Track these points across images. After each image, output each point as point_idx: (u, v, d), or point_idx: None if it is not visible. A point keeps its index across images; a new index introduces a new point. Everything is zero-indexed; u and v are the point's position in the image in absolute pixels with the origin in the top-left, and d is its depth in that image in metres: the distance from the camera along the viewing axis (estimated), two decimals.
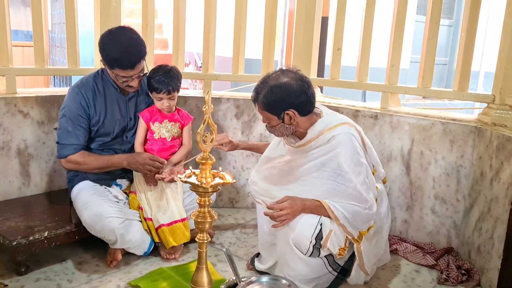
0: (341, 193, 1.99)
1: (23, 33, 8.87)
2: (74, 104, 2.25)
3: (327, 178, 2.01)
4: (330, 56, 3.02)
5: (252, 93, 2.08)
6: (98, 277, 2.16)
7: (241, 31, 3.02)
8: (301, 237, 1.94)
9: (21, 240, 2.05)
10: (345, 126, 2.07)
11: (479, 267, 2.26)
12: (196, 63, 8.72)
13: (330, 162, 2.01)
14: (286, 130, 2.06)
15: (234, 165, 3.05)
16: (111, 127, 2.33)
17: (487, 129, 2.30)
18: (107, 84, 2.31)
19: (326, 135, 2.03)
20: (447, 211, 2.50)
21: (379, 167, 2.26)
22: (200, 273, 1.69)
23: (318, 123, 2.07)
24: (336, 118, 2.12)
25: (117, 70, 2.19)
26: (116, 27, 2.27)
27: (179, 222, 2.32)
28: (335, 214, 1.96)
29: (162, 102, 2.32)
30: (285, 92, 1.98)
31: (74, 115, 2.25)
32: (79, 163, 2.28)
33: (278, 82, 1.99)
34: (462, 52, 2.54)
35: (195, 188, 1.62)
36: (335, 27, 2.91)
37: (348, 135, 2.03)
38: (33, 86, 7.07)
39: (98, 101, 2.28)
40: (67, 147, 2.25)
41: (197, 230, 1.70)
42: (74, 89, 2.29)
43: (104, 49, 2.17)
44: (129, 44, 2.17)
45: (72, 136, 2.25)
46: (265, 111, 2.03)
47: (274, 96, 1.98)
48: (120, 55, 2.15)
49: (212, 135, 1.63)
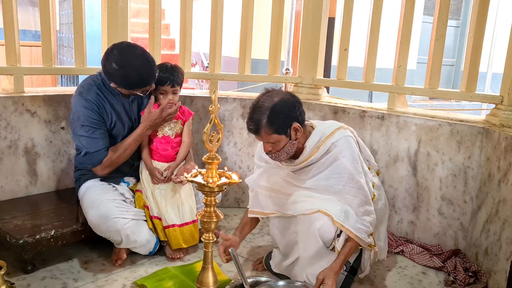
0: (349, 192, 2.00)
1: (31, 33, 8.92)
2: (87, 111, 2.21)
3: (337, 184, 2.02)
4: (336, 56, 3.01)
5: (250, 126, 1.97)
6: (104, 276, 2.16)
7: (247, 32, 3.02)
8: (328, 227, 1.94)
9: (27, 238, 2.06)
10: (341, 130, 2.09)
11: (486, 269, 2.25)
12: (202, 64, 8.73)
13: (336, 169, 2.02)
14: (292, 148, 2.03)
15: (240, 165, 3.05)
16: (122, 130, 2.34)
17: (495, 130, 2.28)
18: (110, 88, 2.27)
19: (325, 145, 2.04)
20: (454, 212, 2.48)
21: (372, 160, 2.30)
22: (206, 273, 1.69)
23: (313, 134, 2.07)
24: (329, 125, 2.13)
25: (137, 90, 2.20)
26: (118, 50, 2.15)
27: (190, 224, 2.33)
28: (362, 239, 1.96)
29: (167, 97, 2.32)
30: (287, 107, 1.97)
31: (92, 121, 2.22)
32: (112, 162, 2.26)
33: (274, 101, 1.96)
34: (470, 53, 2.53)
35: (201, 187, 1.62)
36: (342, 28, 2.91)
37: (347, 138, 2.06)
38: (41, 85, 7.11)
39: (106, 104, 2.27)
40: (97, 153, 2.22)
41: (203, 230, 1.70)
42: (80, 97, 2.23)
43: (122, 77, 2.14)
44: (146, 66, 2.16)
45: (98, 142, 2.22)
46: (273, 135, 1.96)
47: (278, 114, 1.95)
48: (142, 80, 2.17)
49: (218, 134, 1.63)
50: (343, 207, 1.98)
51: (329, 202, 1.99)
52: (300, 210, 2.02)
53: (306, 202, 2.03)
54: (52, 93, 2.70)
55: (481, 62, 2.55)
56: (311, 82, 3.02)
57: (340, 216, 1.95)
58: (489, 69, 9.10)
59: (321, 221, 1.95)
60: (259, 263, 2.29)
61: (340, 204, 1.99)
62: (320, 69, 3.03)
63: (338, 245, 1.95)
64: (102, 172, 2.28)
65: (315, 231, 1.95)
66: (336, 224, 1.94)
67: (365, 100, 7.30)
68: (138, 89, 2.20)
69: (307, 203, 2.03)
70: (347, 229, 1.94)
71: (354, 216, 1.98)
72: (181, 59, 3.03)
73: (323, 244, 1.97)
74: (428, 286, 2.23)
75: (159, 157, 2.38)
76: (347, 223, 1.94)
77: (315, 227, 1.95)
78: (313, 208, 1.98)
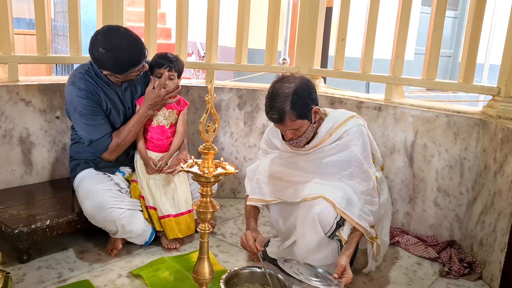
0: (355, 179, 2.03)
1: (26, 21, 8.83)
2: (82, 100, 2.20)
3: (344, 170, 2.04)
4: (334, 46, 2.99)
5: (273, 116, 1.94)
6: (100, 266, 2.16)
7: (244, 21, 2.99)
8: (328, 212, 1.95)
9: (23, 228, 2.06)
10: (354, 119, 2.10)
11: (481, 260, 2.26)
12: (199, 53, 8.67)
13: (346, 156, 2.04)
14: (311, 132, 2.04)
15: (237, 156, 3.05)
16: (117, 117, 2.32)
17: (492, 122, 2.28)
18: (101, 76, 2.26)
19: (338, 132, 2.06)
20: (450, 203, 2.49)
21: (377, 154, 2.29)
22: (202, 263, 1.69)
23: (326, 121, 2.08)
24: (342, 113, 2.15)
25: (131, 71, 2.18)
26: (102, 35, 2.13)
27: (185, 214, 2.33)
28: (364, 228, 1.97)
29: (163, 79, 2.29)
30: (307, 90, 1.97)
31: (89, 109, 2.21)
32: (118, 146, 2.26)
33: (293, 86, 1.94)
34: (468, 44, 2.52)
35: (197, 178, 1.61)
36: (340, 18, 2.89)
37: (359, 127, 2.08)
38: (36, 74, 7.05)
39: (100, 93, 2.26)
40: (102, 139, 2.22)
41: (199, 220, 1.70)
42: (73, 87, 2.21)
43: (115, 60, 2.13)
44: (135, 42, 2.15)
45: (101, 129, 2.22)
46: (298, 120, 1.95)
47: (300, 99, 1.94)
48: (134, 57, 2.15)
49: (214, 124, 1.61)
50: (346, 194, 1.99)
51: (332, 189, 2.01)
52: (301, 196, 2.04)
53: (309, 187, 2.05)
54: (47, 82, 2.68)
55: (478, 54, 2.54)
56: (308, 73, 3.00)
57: (342, 203, 1.96)
58: (486, 61, 9.09)
59: (322, 205, 1.96)
60: (254, 254, 2.30)
61: (344, 191, 2.00)
62: (317, 59, 3.02)
63: (344, 234, 1.97)
64: (111, 157, 2.29)
65: (314, 215, 1.97)
66: (337, 210, 1.95)
67: (362, 91, 7.28)
68: (131, 69, 2.18)
69: (309, 188, 2.04)
70: (348, 217, 1.95)
71: (358, 205, 1.99)
72: (177, 49, 3.00)
73: (321, 229, 1.97)
74: (423, 276, 2.25)
75: (154, 147, 2.37)
76: (348, 211, 1.96)
77: (314, 211, 1.97)
78: (315, 193, 2.00)
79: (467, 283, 2.20)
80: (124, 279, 2.06)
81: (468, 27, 2.52)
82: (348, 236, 1.99)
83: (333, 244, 2.05)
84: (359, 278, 2.16)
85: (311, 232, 2.00)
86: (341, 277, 1.86)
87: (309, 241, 2.01)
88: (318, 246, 2.01)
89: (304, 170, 2.12)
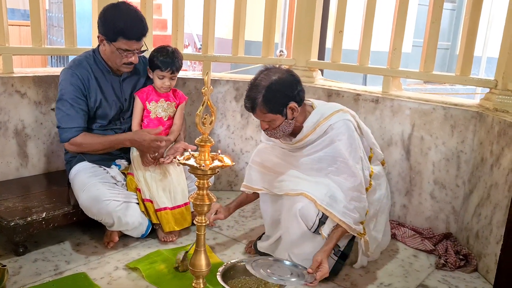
0: (340, 175, 2.00)
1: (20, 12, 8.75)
2: (70, 86, 2.20)
3: (329, 166, 2.02)
4: (331, 38, 2.98)
5: (246, 104, 1.98)
6: (96, 259, 2.16)
7: (241, 12, 2.97)
8: (308, 209, 1.95)
9: (19, 221, 2.05)
10: (340, 113, 2.06)
11: (476, 252, 2.27)
12: (195, 45, 8.62)
13: (331, 152, 2.01)
14: (288, 127, 2.02)
15: (233, 148, 3.04)
16: (108, 109, 2.30)
17: (489, 115, 2.28)
18: (100, 65, 2.26)
19: (322, 126, 2.03)
20: (446, 196, 2.49)
21: (376, 149, 2.24)
22: (198, 256, 1.69)
23: (312, 115, 2.06)
24: (330, 107, 2.11)
25: (121, 42, 2.15)
26: (119, 1, 2.28)
27: (182, 207, 2.33)
28: (347, 224, 1.95)
29: (164, 81, 2.30)
30: (283, 85, 1.95)
31: (72, 98, 2.20)
32: (81, 145, 2.23)
33: (271, 80, 1.94)
34: (465, 36, 2.51)
35: (193, 170, 1.60)
36: (337, 9, 2.87)
37: (345, 122, 2.03)
38: (30, 66, 7.00)
39: (93, 82, 2.25)
40: (69, 130, 2.21)
41: (196, 213, 1.69)
42: (68, 71, 2.23)
43: (110, 20, 2.15)
44: (136, 16, 2.20)
45: (73, 120, 2.20)
46: (268, 114, 1.96)
47: (274, 93, 1.93)
48: (128, 25, 2.14)
49: (211, 117, 1.61)
50: (329, 191, 1.97)
51: (316, 185, 1.99)
52: (285, 190, 2.04)
53: (293, 182, 2.04)
54: (42, 73, 2.66)
55: (476, 46, 2.54)
56: (305, 65, 2.99)
57: (324, 200, 1.95)
58: (484, 53, 9.08)
59: (302, 203, 1.96)
60: (250, 246, 2.30)
61: (327, 188, 1.98)
62: (314, 51, 3.00)
63: (324, 232, 1.96)
64: (68, 148, 2.26)
65: (296, 211, 1.97)
66: (319, 207, 1.94)
67: (360, 83, 7.27)
68: (121, 40, 2.14)
69: (293, 183, 2.04)
70: (331, 213, 1.94)
71: (342, 202, 1.96)
72: (174, 40, 2.98)
73: (304, 224, 1.98)
74: (419, 269, 2.26)
75: None
76: (331, 208, 1.94)
77: (296, 207, 1.97)
78: (297, 190, 2.00)
79: (463, 275, 2.21)
80: (121, 271, 2.06)
81: (466, 20, 2.51)
82: (329, 233, 1.97)
83: (318, 239, 2.01)
84: (355, 271, 2.17)
85: (294, 227, 2.00)
86: (316, 271, 1.86)
87: (293, 235, 2.01)
88: (302, 240, 2.00)
89: (292, 164, 2.11)
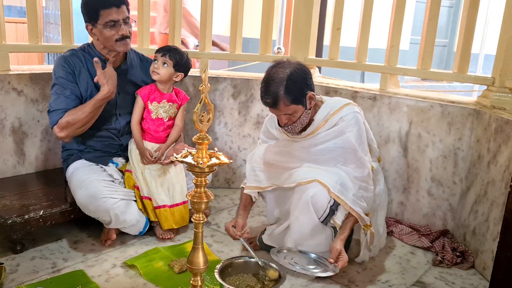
0: (350, 165, 2.05)
1: (17, 9, 8.70)
2: (62, 71, 2.22)
3: (339, 156, 2.06)
4: (329, 36, 2.97)
5: (267, 100, 1.95)
6: (94, 256, 2.16)
7: (239, 9, 2.96)
8: (321, 195, 1.96)
9: (16, 218, 2.05)
10: (350, 106, 2.11)
11: (473, 249, 2.28)
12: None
13: (341, 142, 2.04)
14: (306, 118, 2.04)
15: (231, 146, 3.04)
16: None
17: (486, 112, 2.28)
18: (93, 57, 2.24)
19: (333, 119, 2.06)
20: (443, 193, 2.50)
21: (374, 145, 2.28)
22: (196, 253, 1.68)
23: (322, 108, 2.09)
24: (339, 100, 2.15)
25: (103, 16, 2.14)
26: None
27: (180, 205, 2.33)
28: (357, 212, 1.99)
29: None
30: (300, 76, 1.97)
31: (63, 82, 2.21)
32: (68, 124, 2.15)
33: (288, 71, 1.95)
34: (463, 33, 2.51)
35: (191, 168, 1.60)
36: (335, 7, 2.86)
37: (355, 114, 2.08)
38: (27, 63, 6.97)
39: (84, 71, 2.25)
40: (56, 112, 2.17)
41: (193, 211, 1.69)
42: (62, 58, 2.26)
43: (87, 2, 2.18)
44: None
45: (62, 102, 2.18)
46: (291, 105, 1.95)
47: (295, 84, 1.94)
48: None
49: (209, 114, 1.60)
50: (340, 179, 2.00)
51: (327, 173, 2.02)
52: (296, 180, 2.05)
53: (304, 172, 2.06)
54: (39, 71, 2.65)
55: (473, 43, 2.54)
56: (303, 62, 2.98)
57: (336, 187, 1.97)
58: (481, 50, 9.08)
59: (316, 189, 1.98)
60: (251, 243, 2.30)
61: (338, 176, 2.02)
62: (312, 48, 3.00)
63: (338, 219, 1.99)
64: (60, 134, 2.17)
65: (308, 198, 1.98)
66: (331, 194, 1.97)
67: (357, 81, 7.27)
68: (103, 10, 2.13)
69: (304, 172, 2.06)
70: (342, 201, 1.96)
71: (352, 190, 2.00)
72: (171, 37, 2.97)
73: (314, 213, 1.98)
74: (416, 265, 2.26)
75: (150, 138, 2.36)
76: (343, 195, 1.97)
77: (308, 194, 1.98)
78: (310, 177, 2.01)
79: (460, 272, 2.22)
80: (119, 269, 2.06)
81: (463, 17, 2.51)
82: (342, 222, 2.00)
83: (327, 231, 2.06)
84: (353, 268, 2.17)
85: (304, 215, 2.01)
86: (337, 261, 1.88)
87: (303, 225, 2.02)
88: (311, 231, 2.02)
89: (300, 157, 2.12)
